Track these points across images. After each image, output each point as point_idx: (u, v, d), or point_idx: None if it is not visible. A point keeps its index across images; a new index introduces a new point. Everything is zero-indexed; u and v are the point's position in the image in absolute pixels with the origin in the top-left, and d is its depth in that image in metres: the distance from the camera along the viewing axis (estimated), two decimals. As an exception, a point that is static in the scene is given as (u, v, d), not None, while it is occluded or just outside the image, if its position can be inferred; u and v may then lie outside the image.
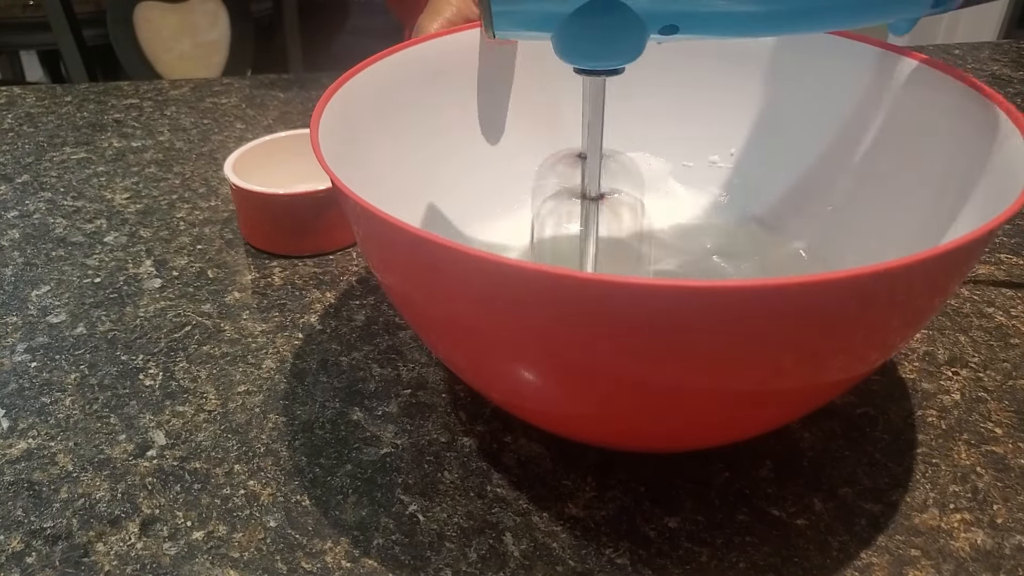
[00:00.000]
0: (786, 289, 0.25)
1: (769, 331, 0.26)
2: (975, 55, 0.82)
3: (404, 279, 0.32)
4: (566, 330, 0.27)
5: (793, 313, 0.26)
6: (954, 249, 0.26)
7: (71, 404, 0.41)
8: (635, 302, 0.25)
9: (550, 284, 0.26)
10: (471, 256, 0.26)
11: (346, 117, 0.39)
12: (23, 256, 0.53)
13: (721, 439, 0.36)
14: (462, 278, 0.28)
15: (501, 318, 0.29)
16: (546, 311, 0.27)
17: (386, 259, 0.32)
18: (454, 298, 0.30)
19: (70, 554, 0.34)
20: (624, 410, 0.31)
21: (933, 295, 0.30)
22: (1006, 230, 0.54)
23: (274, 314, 0.47)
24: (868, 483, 0.37)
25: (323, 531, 0.35)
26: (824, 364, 0.29)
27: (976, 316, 0.46)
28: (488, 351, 0.31)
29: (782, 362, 0.28)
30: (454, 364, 0.35)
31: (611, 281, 0.25)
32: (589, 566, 0.33)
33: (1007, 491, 0.36)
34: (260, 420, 0.40)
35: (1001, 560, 0.33)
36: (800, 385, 0.30)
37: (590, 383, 0.30)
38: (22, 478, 0.37)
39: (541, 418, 0.36)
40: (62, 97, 0.76)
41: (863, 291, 0.26)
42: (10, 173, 0.63)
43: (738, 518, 0.35)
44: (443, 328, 0.32)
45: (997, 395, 0.41)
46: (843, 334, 0.28)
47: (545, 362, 0.30)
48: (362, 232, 0.32)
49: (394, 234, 0.28)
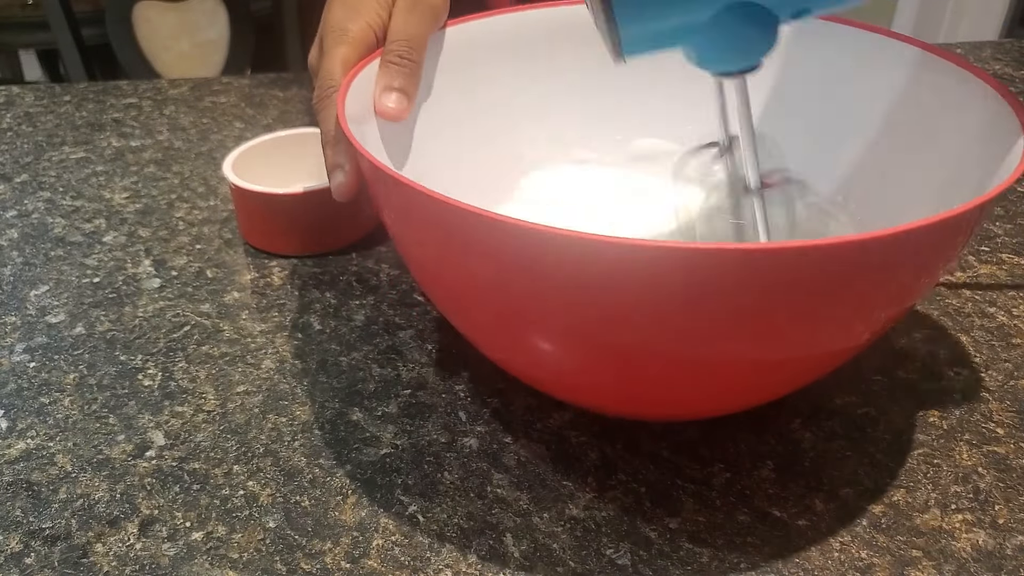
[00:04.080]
0: (803, 251, 0.26)
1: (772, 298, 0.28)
2: (977, 54, 0.82)
3: (430, 248, 0.33)
4: (587, 294, 0.29)
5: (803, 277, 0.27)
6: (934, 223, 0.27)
7: (70, 404, 0.41)
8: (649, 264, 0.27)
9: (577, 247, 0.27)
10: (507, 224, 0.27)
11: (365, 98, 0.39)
12: (22, 256, 0.53)
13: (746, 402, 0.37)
14: (490, 244, 0.29)
15: (530, 284, 0.30)
16: (567, 274, 0.28)
17: (418, 233, 0.33)
18: (487, 266, 0.31)
19: (69, 554, 0.34)
20: (642, 372, 0.32)
21: (919, 274, 0.31)
22: (1008, 230, 0.54)
23: (273, 314, 0.47)
24: (869, 483, 0.36)
25: (322, 532, 0.35)
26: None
27: (978, 316, 0.46)
28: (517, 318, 0.32)
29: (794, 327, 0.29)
30: (482, 336, 0.36)
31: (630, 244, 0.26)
32: (590, 567, 0.33)
33: (1009, 491, 0.36)
34: (259, 420, 0.40)
35: (1003, 561, 0.33)
36: (808, 354, 0.32)
37: (616, 348, 0.31)
38: (21, 478, 0.37)
39: (570, 390, 0.37)
40: (61, 96, 0.76)
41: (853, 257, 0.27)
42: (9, 173, 0.63)
43: (739, 519, 0.35)
44: (475, 298, 0.33)
45: (999, 395, 0.41)
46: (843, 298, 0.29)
47: (576, 330, 0.31)
48: (400, 212, 0.33)
49: (433, 206, 0.29)
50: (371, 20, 0.41)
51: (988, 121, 0.35)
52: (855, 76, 0.43)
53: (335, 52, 0.40)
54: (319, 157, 0.53)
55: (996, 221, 0.55)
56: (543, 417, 0.40)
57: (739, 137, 0.36)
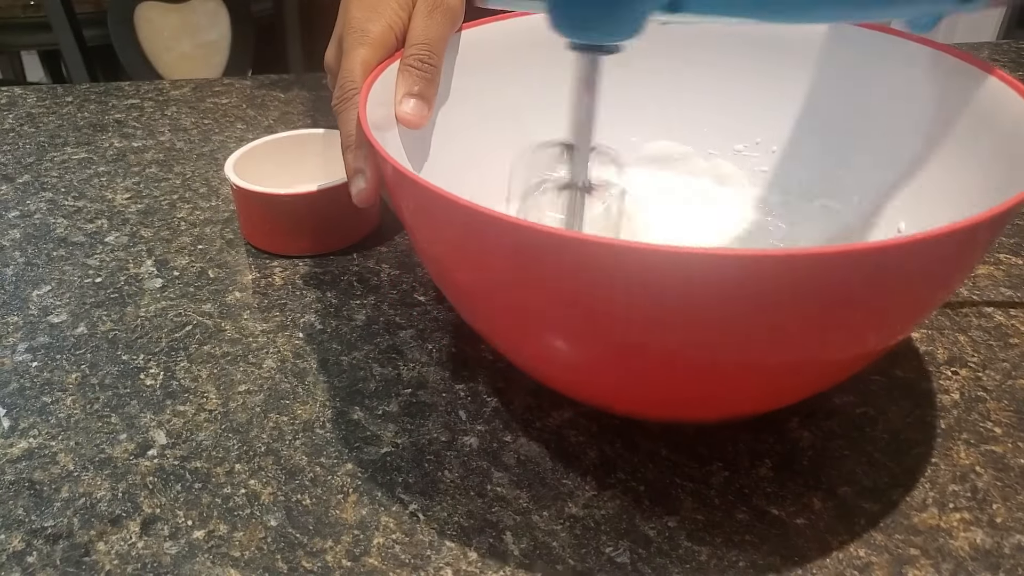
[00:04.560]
0: (795, 259, 0.26)
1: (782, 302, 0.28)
2: (974, 55, 0.82)
3: (449, 249, 0.33)
4: (594, 294, 0.29)
5: (810, 283, 0.27)
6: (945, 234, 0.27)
7: (72, 404, 0.41)
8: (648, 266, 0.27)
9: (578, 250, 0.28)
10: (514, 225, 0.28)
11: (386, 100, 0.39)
12: (24, 256, 0.53)
13: (757, 406, 0.37)
14: (504, 245, 0.30)
15: (539, 284, 0.30)
16: (571, 274, 0.29)
17: (437, 233, 0.33)
18: (495, 266, 0.31)
19: (71, 553, 0.34)
20: (650, 375, 0.33)
21: (935, 287, 0.31)
22: (1006, 230, 0.54)
23: (275, 314, 0.47)
24: (867, 482, 0.37)
25: (323, 530, 0.35)
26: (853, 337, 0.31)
27: (975, 316, 0.46)
28: (526, 318, 0.33)
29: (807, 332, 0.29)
30: (494, 332, 0.37)
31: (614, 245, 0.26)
32: (589, 565, 0.33)
33: (1006, 490, 0.36)
34: (261, 419, 0.40)
35: (1000, 559, 0.33)
36: (829, 358, 0.32)
37: (622, 349, 0.31)
38: (23, 477, 0.37)
39: (577, 386, 0.37)
40: (63, 97, 0.76)
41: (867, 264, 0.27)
42: (11, 173, 0.63)
43: (738, 517, 0.35)
44: (484, 297, 0.34)
45: (996, 395, 0.41)
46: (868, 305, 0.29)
47: (578, 328, 0.31)
48: (416, 212, 0.33)
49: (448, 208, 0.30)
50: (392, 21, 0.40)
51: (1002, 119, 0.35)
52: (872, 78, 0.43)
53: (355, 53, 0.39)
54: (320, 157, 0.53)
55: (995, 222, 0.55)
56: (543, 416, 0.40)
57: (572, 127, 0.35)
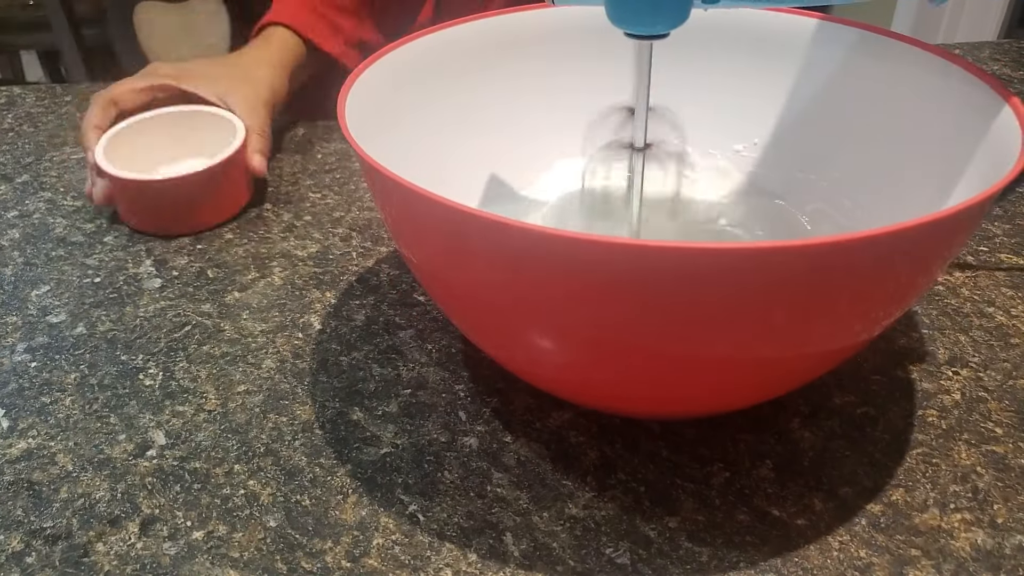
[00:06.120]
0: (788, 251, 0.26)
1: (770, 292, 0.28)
2: (975, 54, 0.82)
3: (434, 252, 0.33)
4: (579, 293, 0.29)
5: (787, 277, 0.28)
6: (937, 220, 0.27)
7: (71, 404, 0.41)
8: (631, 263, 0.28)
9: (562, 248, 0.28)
10: (501, 224, 0.28)
11: (374, 96, 0.40)
12: (23, 256, 0.53)
13: (747, 399, 0.37)
14: (488, 246, 0.30)
15: (522, 282, 0.30)
16: (559, 272, 0.29)
17: (418, 234, 0.33)
18: (479, 265, 0.31)
19: (70, 554, 0.34)
20: (639, 370, 0.33)
21: (915, 272, 0.31)
22: (1006, 230, 0.54)
23: (274, 314, 0.47)
24: (868, 483, 0.37)
25: (323, 531, 0.35)
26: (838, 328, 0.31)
27: (976, 316, 0.46)
28: (512, 316, 0.33)
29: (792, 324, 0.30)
30: (481, 335, 0.37)
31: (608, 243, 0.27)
32: (589, 566, 0.33)
33: (1007, 491, 0.36)
34: (260, 420, 0.40)
35: (1001, 560, 0.33)
36: (808, 351, 0.32)
37: (608, 346, 0.31)
38: (22, 478, 0.37)
39: (565, 386, 0.37)
40: (62, 97, 0.76)
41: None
42: (10, 173, 0.63)
43: (738, 518, 0.35)
44: (470, 299, 0.34)
45: (997, 395, 0.41)
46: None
47: (566, 327, 0.32)
48: (395, 210, 0.33)
49: (429, 207, 0.30)
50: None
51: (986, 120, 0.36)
52: (852, 75, 0.43)
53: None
54: (197, 134, 0.58)
55: (995, 221, 0.55)
56: (543, 417, 0.40)
57: (637, 101, 0.40)
